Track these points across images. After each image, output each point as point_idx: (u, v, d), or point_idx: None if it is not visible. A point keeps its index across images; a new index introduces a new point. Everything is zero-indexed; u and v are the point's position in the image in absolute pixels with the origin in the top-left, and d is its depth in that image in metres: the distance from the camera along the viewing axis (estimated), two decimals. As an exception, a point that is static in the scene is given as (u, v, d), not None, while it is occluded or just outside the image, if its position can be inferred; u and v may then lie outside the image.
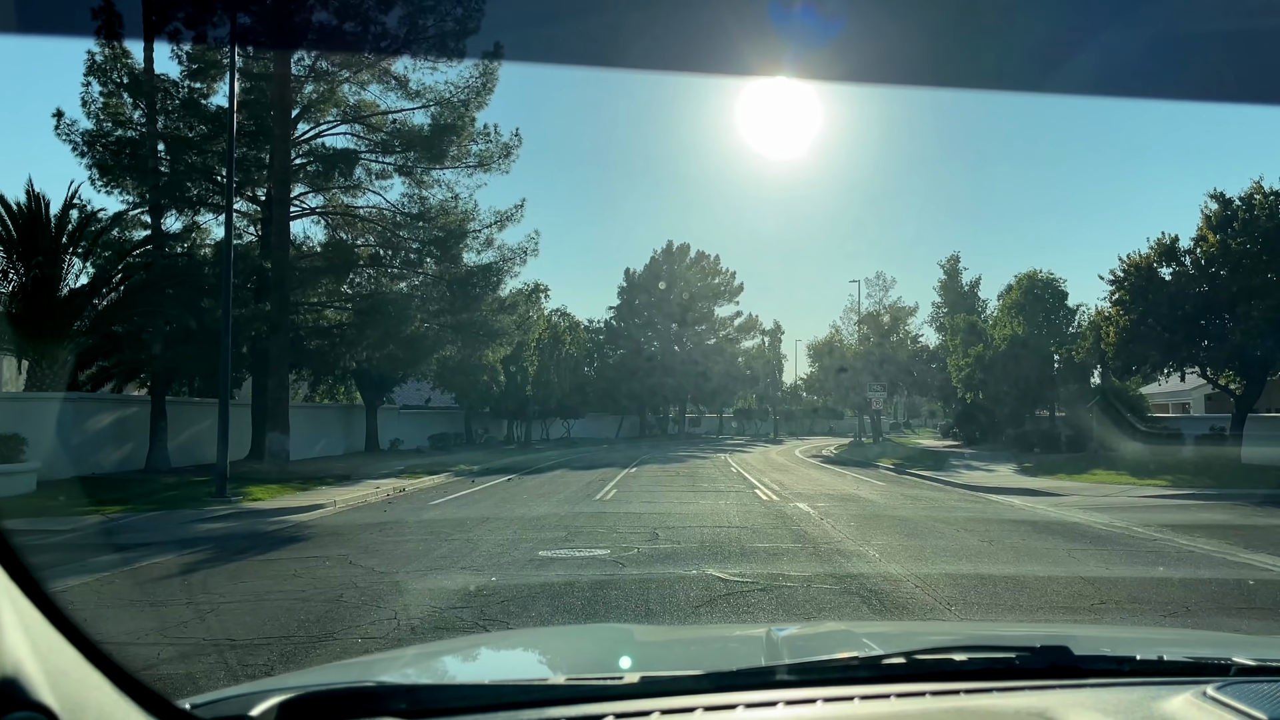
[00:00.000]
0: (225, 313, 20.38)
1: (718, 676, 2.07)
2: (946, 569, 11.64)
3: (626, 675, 2.07)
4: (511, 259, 29.47)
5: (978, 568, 11.81)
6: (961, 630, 4.99)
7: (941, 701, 1.98)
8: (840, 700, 1.99)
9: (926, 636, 3.44)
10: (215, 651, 7.80)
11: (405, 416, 47.81)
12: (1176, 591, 10.47)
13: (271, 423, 25.99)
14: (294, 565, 12.14)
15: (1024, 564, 12.17)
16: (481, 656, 3.26)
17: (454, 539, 14.48)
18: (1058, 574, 11.40)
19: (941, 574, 11.28)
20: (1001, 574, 11.30)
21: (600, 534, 14.82)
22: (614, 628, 5.13)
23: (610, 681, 2.05)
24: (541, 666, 3.03)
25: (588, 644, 3.30)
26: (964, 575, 11.24)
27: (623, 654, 2.86)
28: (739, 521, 16.55)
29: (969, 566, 11.90)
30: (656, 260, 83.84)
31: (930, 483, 27.77)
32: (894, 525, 16.43)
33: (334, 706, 1.91)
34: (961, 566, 11.88)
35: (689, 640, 3.72)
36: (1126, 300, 28.87)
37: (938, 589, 10.23)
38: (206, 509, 18.74)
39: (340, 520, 17.88)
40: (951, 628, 6.26)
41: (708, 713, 1.91)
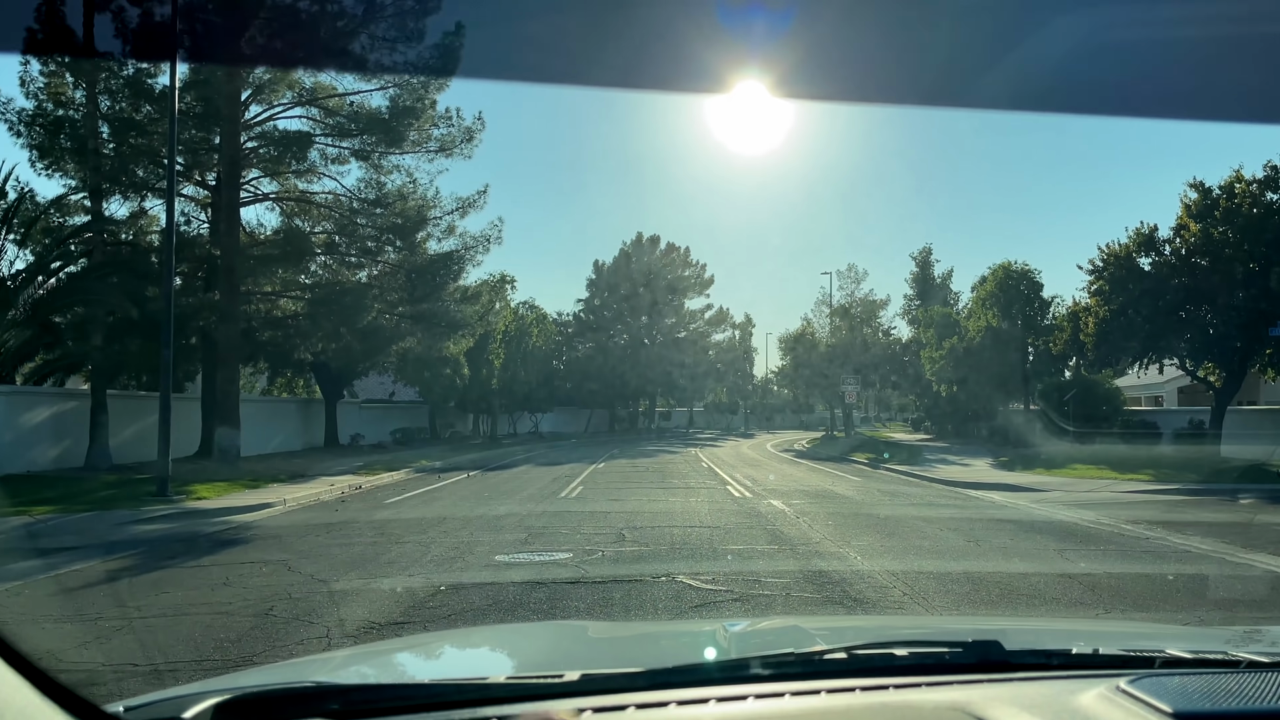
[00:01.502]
0: (166, 300, 19.23)
1: (654, 674, 2.05)
2: (933, 571, 10.81)
3: (567, 673, 2.03)
4: (474, 247, 28.39)
5: (966, 570, 10.98)
6: (913, 624, 4.95)
7: (870, 697, 1.98)
8: (771, 696, 1.98)
9: (872, 631, 3.52)
10: (113, 679, 6.79)
11: (368, 411, 46.55)
12: (1183, 597, 9.67)
13: (221, 417, 24.80)
14: (226, 572, 11.11)
15: (1014, 565, 11.33)
16: (425, 655, 3.15)
17: (406, 541, 13.49)
18: (1050, 576, 10.58)
19: (929, 577, 10.45)
20: (992, 577, 10.47)
21: (563, 535, 13.86)
22: (567, 625, 4.97)
23: (549, 680, 2.02)
24: (484, 665, 3.00)
25: (536, 642, 3.23)
26: (953, 578, 10.42)
27: (570, 651, 2.86)
28: (710, 521, 15.65)
29: (957, 569, 11.06)
30: (626, 252, 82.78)
31: (907, 478, 27.02)
32: (874, 524, 15.59)
33: (269, 708, 1.91)
34: (949, 569, 11.05)
35: (641, 636, 3.66)
36: (1106, 290, 28.22)
37: (927, 595, 9.39)
38: (144, 509, 17.59)
39: (287, 521, 16.81)
40: (906, 622, 6.10)
41: (640, 710, 1.91)
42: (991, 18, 5.16)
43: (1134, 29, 4.10)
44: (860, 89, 5.49)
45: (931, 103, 12.32)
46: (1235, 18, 4.02)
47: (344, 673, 2.71)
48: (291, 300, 29.06)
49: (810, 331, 60.31)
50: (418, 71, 27.68)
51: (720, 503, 18.99)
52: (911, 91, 5.65)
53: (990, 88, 4.80)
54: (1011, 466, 28.79)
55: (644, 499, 19.67)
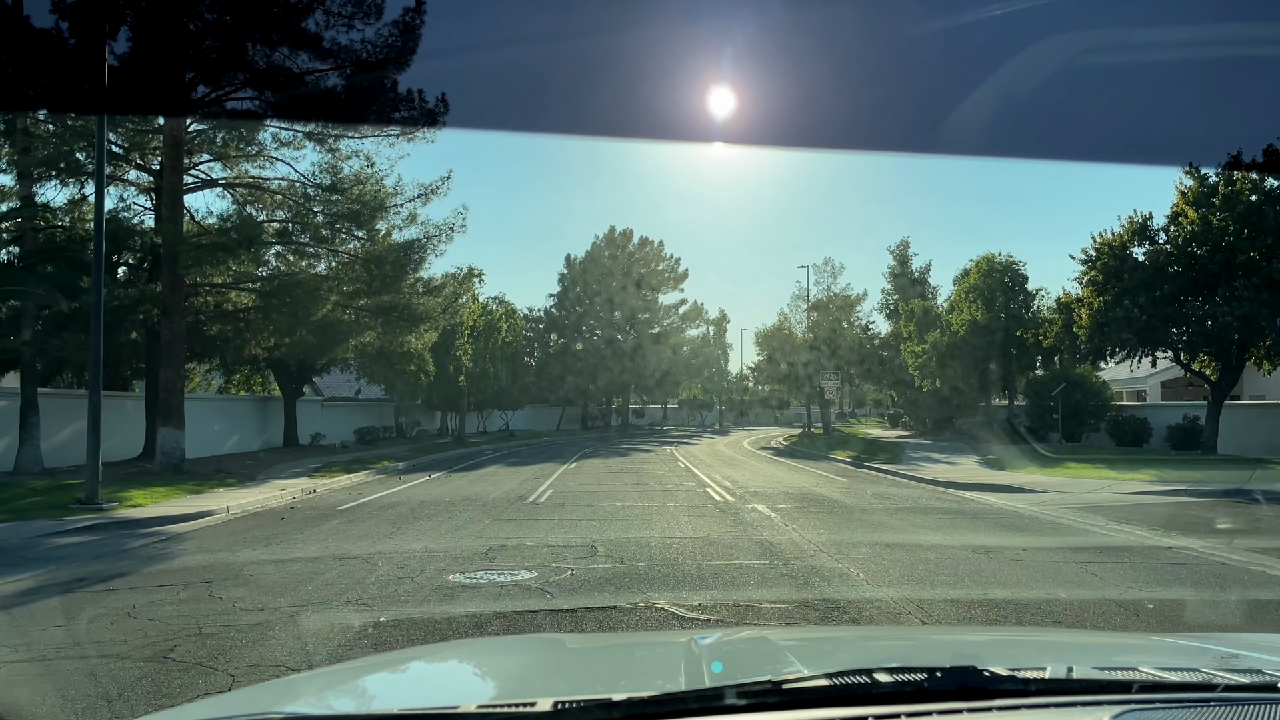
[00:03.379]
0: (96, 291, 17.57)
1: (631, 704, 2.02)
2: (951, 595, 9.45)
3: (540, 702, 2.01)
4: (436, 236, 26.69)
5: (988, 593, 9.63)
6: (893, 638, 4.58)
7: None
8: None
9: (850, 646, 3.46)
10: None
11: (330, 409, 44.78)
12: None
13: (164, 417, 23.08)
14: (136, 599, 9.57)
15: (1043, 586, 9.98)
16: (394, 677, 2.95)
17: (351, 557, 11.97)
18: (1088, 600, 9.24)
19: (947, 602, 9.09)
20: (1019, 602, 9.10)
21: (528, 550, 12.39)
22: (544, 639, 4.63)
23: (521, 710, 1.99)
24: (456, 689, 2.90)
25: (512, 659, 3.09)
26: (975, 604, 9.06)
27: (546, 669, 2.84)
28: (692, 530, 14.22)
29: (978, 591, 9.71)
30: (598, 246, 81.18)
31: (894, 478, 25.71)
32: (871, 532, 14.22)
33: None
34: (969, 591, 9.69)
35: (615, 649, 3.60)
36: (1100, 281, 27.02)
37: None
38: (68, 519, 15.95)
39: (225, 531, 15.24)
40: (884, 634, 5.74)
41: None
42: (949, 69, 5.62)
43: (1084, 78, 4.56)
44: (819, 136, 6.19)
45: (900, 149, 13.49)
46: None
47: (307, 698, 2.65)
48: (243, 293, 27.35)
49: (787, 327, 59.04)
50: (377, 49, 26.12)
51: (701, 508, 17.56)
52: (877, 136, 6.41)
53: (950, 135, 5.43)
54: (1001, 465, 27.56)
55: (618, 504, 18.22)
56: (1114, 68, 5.21)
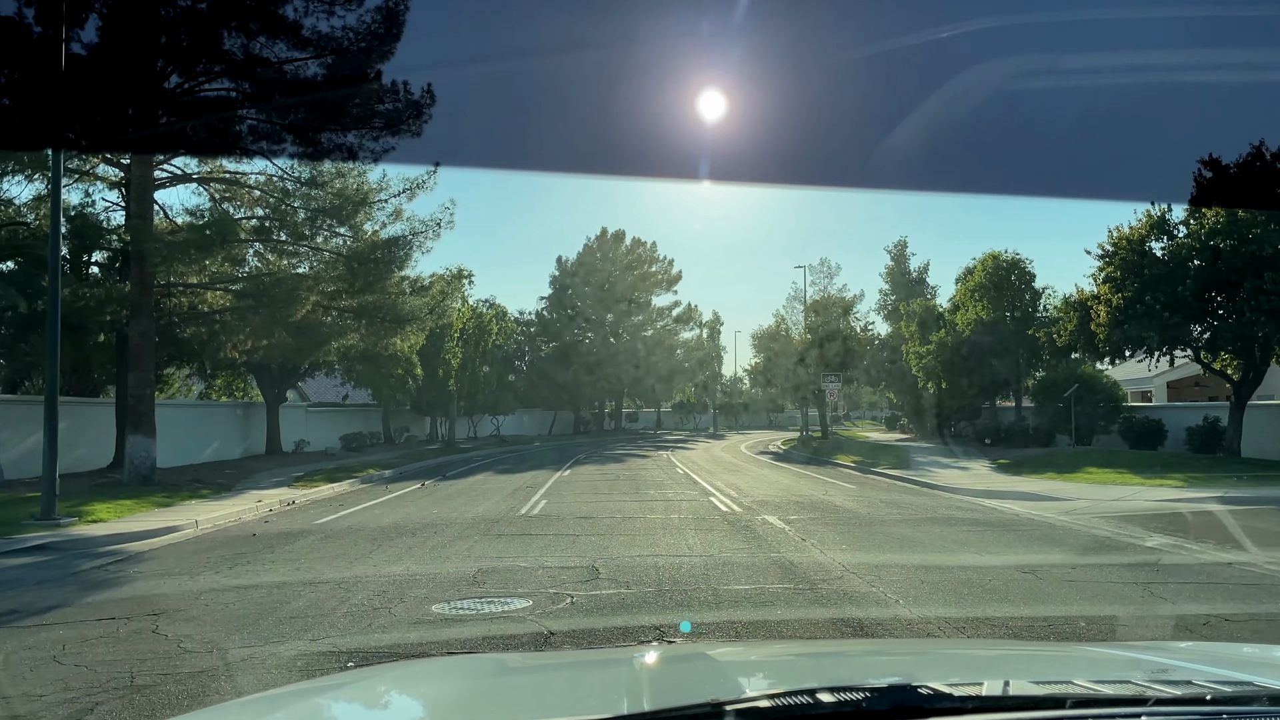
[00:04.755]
0: (53, 289, 16.24)
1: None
2: (1008, 624, 8.20)
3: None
4: (422, 232, 25.35)
5: (1048, 618, 8.38)
6: (842, 651, 4.43)
7: None
8: None
9: (794, 665, 3.30)
10: None
11: (315, 415, 43.35)
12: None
13: (133, 424, 21.71)
14: (69, 636, 8.28)
15: (1109, 605, 8.73)
16: (324, 711, 2.69)
17: (323, 582, 10.67)
18: (1163, 621, 8.00)
19: (1006, 634, 7.83)
20: (1089, 632, 7.86)
21: (522, 572, 11.09)
22: (484, 661, 4.31)
23: None
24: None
25: (450, 686, 2.85)
26: (1036, 632, 7.81)
27: (485, 697, 2.65)
28: (702, 547, 12.93)
29: (1032, 614, 8.46)
30: (590, 248, 79.98)
31: (906, 485, 24.45)
32: (898, 548, 12.96)
33: None
34: (1024, 616, 8.44)
35: (557, 669, 3.41)
36: (1117, 277, 25.80)
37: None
38: (17, 537, 14.61)
39: (190, 549, 13.92)
40: (832, 648, 5.48)
41: None
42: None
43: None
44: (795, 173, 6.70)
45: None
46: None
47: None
48: (219, 294, 25.98)
49: (784, 328, 57.79)
50: (359, 37, 24.87)
51: (708, 520, 16.28)
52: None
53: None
54: (1016, 470, 26.35)
55: (618, 516, 16.92)
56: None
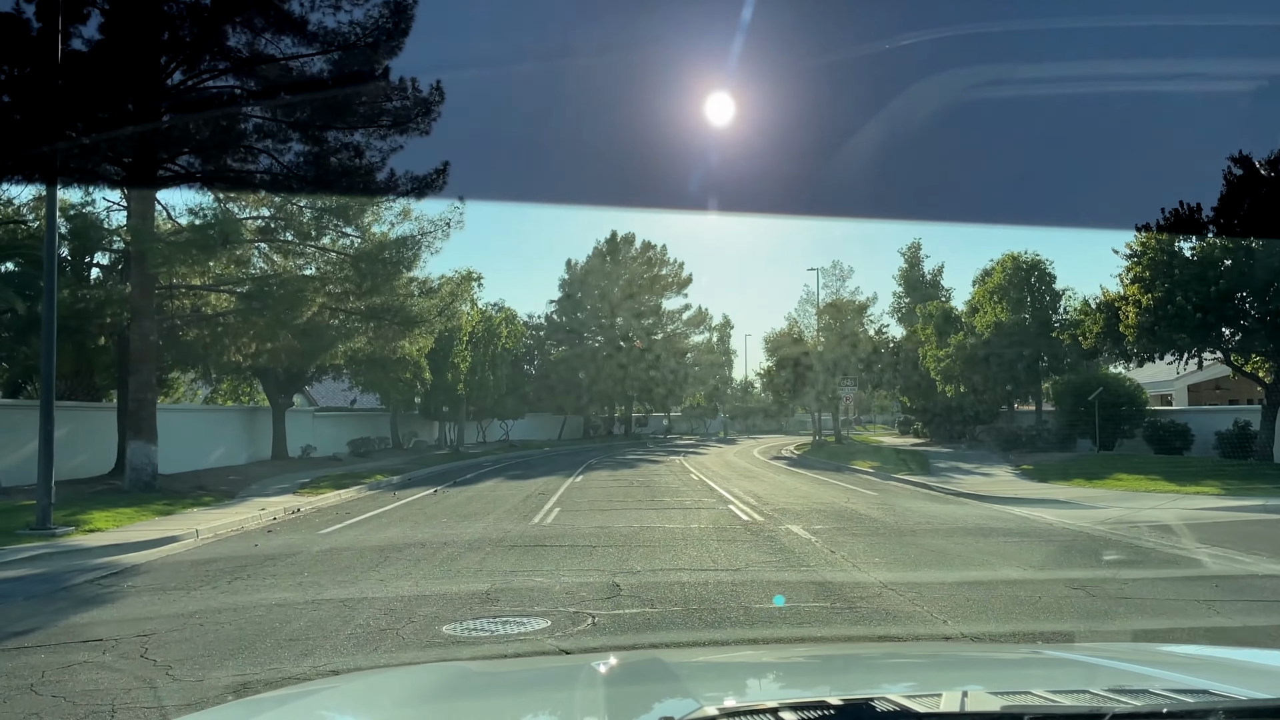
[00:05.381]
0: (49, 289, 15.63)
1: None
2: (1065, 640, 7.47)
3: None
4: (431, 232, 24.72)
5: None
6: (791, 657, 4.11)
7: None
8: None
9: (749, 673, 3.26)
10: None
11: (322, 420, 42.73)
12: None
13: (134, 430, 21.10)
14: (50, 661, 7.63)
15: (1173, 621, 8.02)
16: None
17: (325, 600, 10.01)
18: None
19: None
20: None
21: (537, 588, 10.41)
22: (446, 669, 3.70)
23: None
24: None
25: (412, 689, 2.88)
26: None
27: (446, 710, 2.63)
28: (726, 560, 12.24)
29: (1098, 633, 7.74)
30: (600, 251, 79.36)
31: (929, 492, 23.71)
32: (935, 562, 12.25)
33: None
34: (1084, 631, 7.73)
35: (517, 682, 3.20)
36: (1147, 278, 25.04)
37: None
38: (10, 547, 14.00)
39: (189, 561, 13.27)
40: (784, 653, 5.02)
41: None
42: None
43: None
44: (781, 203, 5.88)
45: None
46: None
47: None
48: (224, 296, 25.35)
49: (797, 331, 57.07)
50: (367, 32, 24.30)
51: (729, 530, 15.58)
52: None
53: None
54: (1042, 477, 25.58)
55: (635, 526, 16.23)
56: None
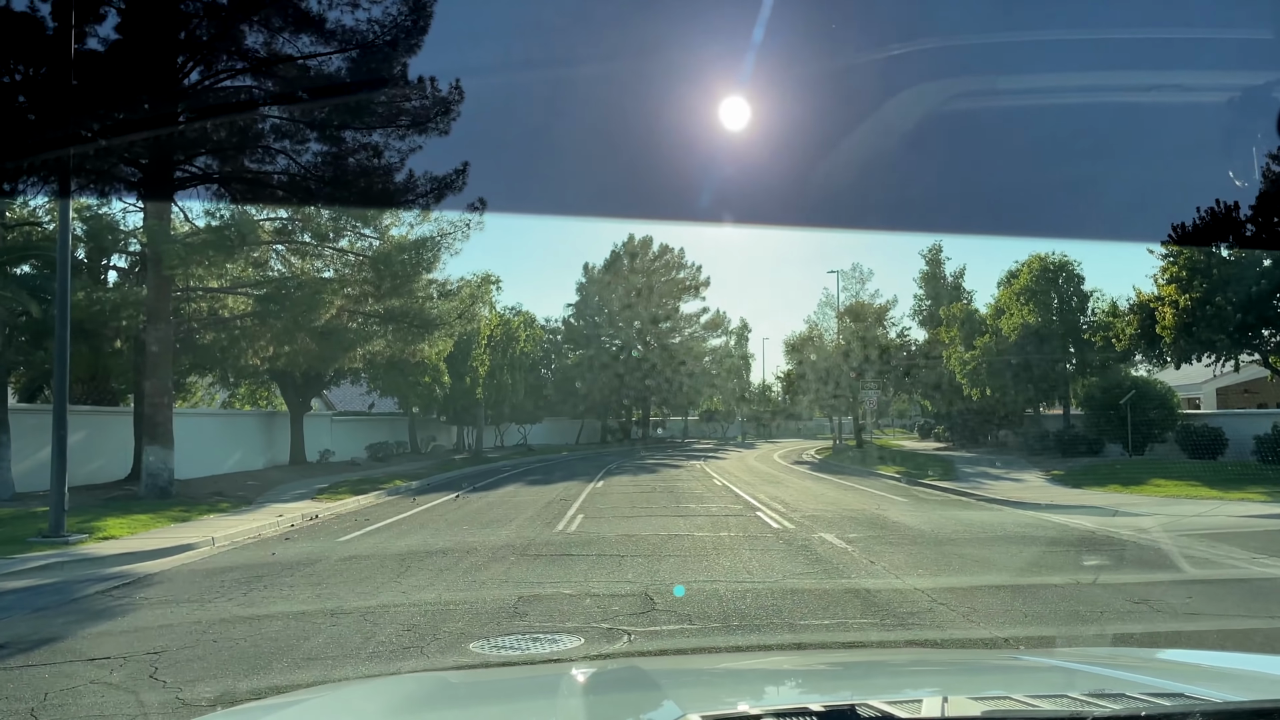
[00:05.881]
0: (61, 288, 15.25)
1: None
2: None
3: None
4: (451, 233, 24.28)
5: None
6: (765, 665, 4.34)
7: None
8: None
9: (727, 680, 3.27)
10: None
11: (341, 424, 42.40)
12: None
13: (149, 435, 20.73)
14: (54, 683, 7.20)
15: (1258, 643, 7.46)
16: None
17: (345, 613, 9.55)
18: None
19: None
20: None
21: (567, 601, 9.92)
22: (427, 679, 4.01)
23: None
24: None
25: (391, 699, 2.82)
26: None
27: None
28: (761, 571, 11.72)
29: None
30: (617, 254, 78.92)
31: (960, 498, 23.10)
32: (977, 570, 11.70)
33: None
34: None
35: (497, 690, 3.16)
36: (1183, 277, 24.40)
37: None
38: (20, 556, 13.61)
39: (202, 572, 12.84)
40: (759, 661, 5.23)
41: None
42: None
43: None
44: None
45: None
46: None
47: None
48: (241, 298, 24.99)
49: (818, 334, 56.43)
50: (385, 29, 23.94)
51: (761, 539, 15.05)
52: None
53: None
54: (1075, 482, 24.93)
55: (663, 534, 15.73)
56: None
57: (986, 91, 6.35)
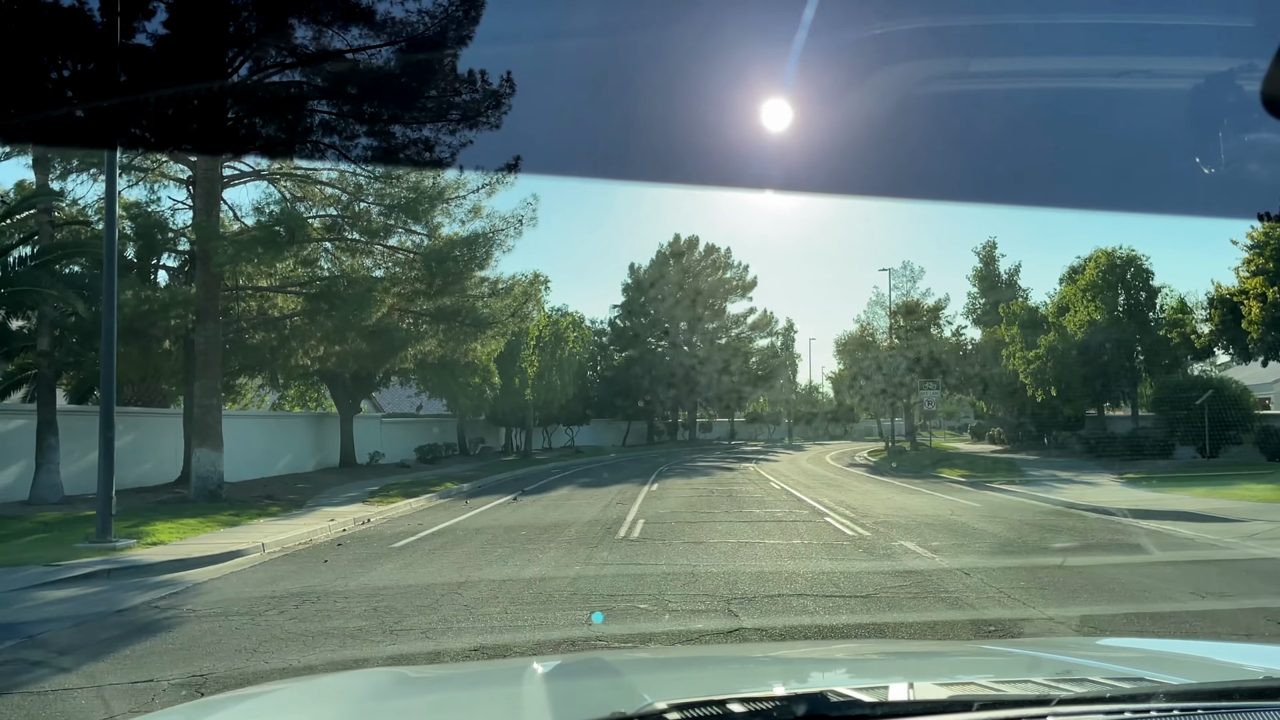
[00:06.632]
0: (108, 288, 14.76)
1: None
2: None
3: None
4: (503, 229, 23.64)
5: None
6: (727, 656, 4.36)
7: None
8: None
9: (695, 671, 3.21)
10: None
11: (390, 426, 42.01)
12: None
13: (199, 437, 20.27)
14: (92, 706, 6.56)
15: None
16: None
17: (407, 630, 8.86)
18: None
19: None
20: None
21: (644, 617, 9.14)
22: (370, 677, 3.58)
23: None
24: None
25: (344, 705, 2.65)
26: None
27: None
28: (849, 584, 10.85)
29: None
30: (663, 255, 78.27)
31: (1036, 503, 22.02)
32: (1091, 590, 10.74)
33: None
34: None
35: (455, 681, 3.27)
36: (1270, 269, 23.15)
37: None
38: (67, 563, 13.08)
39: (253, 580, 12.22)
40: (723, 652, 5.38)
41: None
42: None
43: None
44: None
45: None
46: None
47: None
48: (291, 297, 24.54)
49: (870, 333, 55.27)
50: (435, 21, 23.38)
51: (837, 547, 14.18)
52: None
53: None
54: (1155, 486, 23.76)
55: (732, 542, 14.91)
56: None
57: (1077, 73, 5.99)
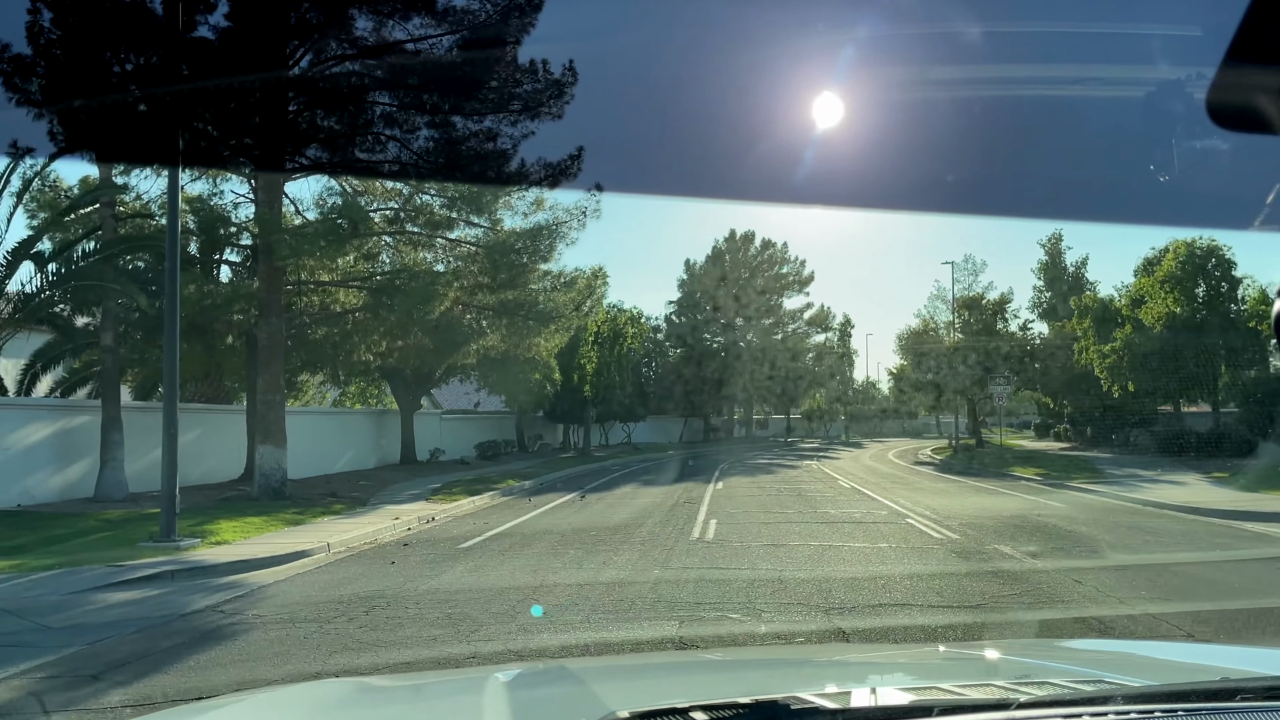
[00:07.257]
0: (170, 279, 14.43)
1: None
2: None
3: None
4: (566, 221, 23.11)
5: None
6: (685, 662, 4.48)
7: None
8: None
9: (659, 677, 3.18)
10: None
11: (449, 422, 41.75)
12: None
13: (262, 434, 19.99)
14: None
15: None
16: None
17: (483, 640, 8.30)
18: None
19: None
20: None
21: (740, 633, 8.51)
22: (336, 686, 3.45)
23: None
24: None
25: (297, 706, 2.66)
26: None
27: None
28: (953, 593, 10.09)
29: None
30: (719, 250, 77.47)
31: (1123, 504, 21.01)
32: (1209, 595, 9.92)
33: None
34: None
35: (412, 691, 3.17)
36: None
37: None
38: (130, 563, 12.74)
39: (318, 583, 11.76)
40: (685, 660, 5.16)
41: None
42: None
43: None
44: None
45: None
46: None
47: None
48: (353, 292, 24.23)
49: (933, 328, 53.96)
50: (496, 9, 22.92)
51: (926, 550, 13.41)
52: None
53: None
54: (1247, 486, 22.60)
55: (814, 545, 14.20)
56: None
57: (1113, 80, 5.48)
